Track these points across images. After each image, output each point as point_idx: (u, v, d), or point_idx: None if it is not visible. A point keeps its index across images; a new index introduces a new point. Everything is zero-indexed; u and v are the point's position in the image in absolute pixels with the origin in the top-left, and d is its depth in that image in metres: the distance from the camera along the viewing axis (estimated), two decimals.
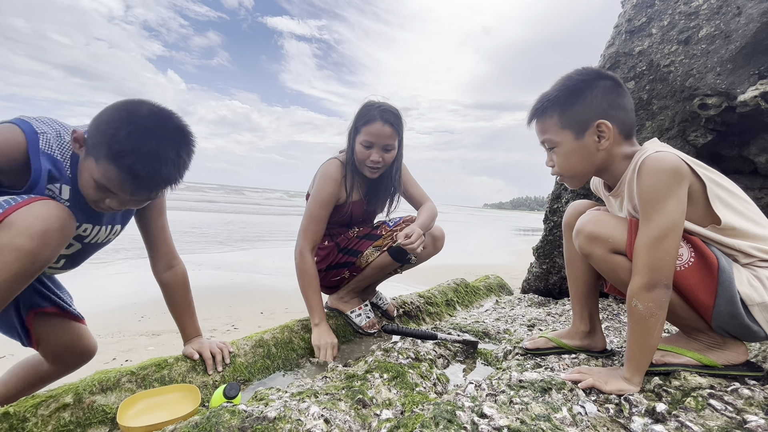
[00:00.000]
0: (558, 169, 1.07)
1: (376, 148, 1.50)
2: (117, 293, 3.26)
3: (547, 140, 1.06)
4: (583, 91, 1.00)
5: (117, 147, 0.83)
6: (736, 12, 1.59)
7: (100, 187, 0.87)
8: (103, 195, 0.89)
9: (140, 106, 0.87)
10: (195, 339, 1.25)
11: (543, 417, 0.78)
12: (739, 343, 0.97)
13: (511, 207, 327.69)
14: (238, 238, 7.54)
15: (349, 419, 0.83)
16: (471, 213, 52.85)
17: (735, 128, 1.69)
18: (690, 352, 0.98)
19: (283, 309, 2.98)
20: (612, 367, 1.02)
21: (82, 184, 0.90)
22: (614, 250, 0.98)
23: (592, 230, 1.00)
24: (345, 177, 1.59)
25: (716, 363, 0.96)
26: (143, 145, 0.84)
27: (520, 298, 2.56)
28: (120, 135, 0.83)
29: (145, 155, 0.84)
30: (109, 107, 0.88)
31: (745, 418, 0.74)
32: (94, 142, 0.85)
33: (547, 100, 1.04)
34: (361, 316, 1.66)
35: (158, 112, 0.88)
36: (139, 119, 0.85)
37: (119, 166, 0.84)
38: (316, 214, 1.54)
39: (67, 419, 0.90)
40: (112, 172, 0.84)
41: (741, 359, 0.96)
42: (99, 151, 0.84)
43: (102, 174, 0.85)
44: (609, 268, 1.01)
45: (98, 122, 0.86)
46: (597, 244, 1.00)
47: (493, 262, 6.37)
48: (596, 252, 1.01)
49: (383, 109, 1.49)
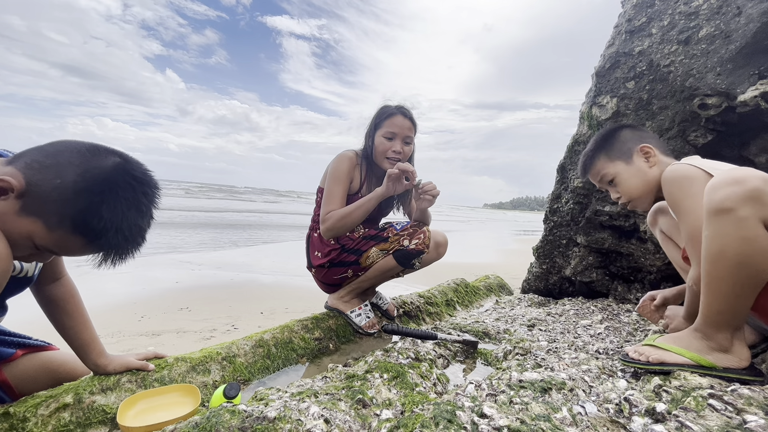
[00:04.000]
0: (624, 197, 1.21)
1: (397, 139, 1.61)
2: (117, 293, 3.26)
3: (605, 175, 1.23)
4: (615, 132, 1.23)
5: (96, 225, 0.71)
6: (736, 12, 1.59)
7: (44, 249, 0.74)
8: (40, 255, 0.77)
9: (104, 162, 0.73)
10: (108, 355, 1.08)
11: (543, 417, 0.78)
12: (743, 348, 0.94)
13: (511, 207, 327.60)
14: (238, 238, 7.55)
15: (349, 419, 0.83)
16: (471, 212, 52.88)
17: (735, 128, 1.69)
18: (689, 353, 0.97)
19: (283, 309, 2.98)
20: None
21: (9, 237, 0.71)
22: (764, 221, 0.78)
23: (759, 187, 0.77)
24: (360, 166, 1.66)
25: (715, 365, 0.94)
26: (125, 221, 0.73)
27: (520, 298, 2.56)
28: (99, 212, 0.71)
29: (128, 231, 0.74)
30: (60, 162, 0.71)
31: (745, 419, 0.74)
32: (46, 206, 0.70)
33: (590, 151, 1.27)
34: (361, 316, 1.66)
35: (127, 169, 0.75)
36: (114, 187, 0.72)
37: (93, 243, 0.73)
38: (333, 189, 1.59)
39: (67, 419, 0.91)
40: (76, 244, 0.73)
41: (742, 364, 0.93)
42: (57, 219, 0.71)
43: (57, 242, 0.72)
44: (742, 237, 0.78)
45: (53, 184, 0.70)
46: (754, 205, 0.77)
47: (493, 261, 6.37)
48: (744, 212, 0.77)
49: (402, 105, 1.65)
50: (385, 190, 1.48)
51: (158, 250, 5.27)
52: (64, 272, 1.05)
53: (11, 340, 1.05)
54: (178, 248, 5.59)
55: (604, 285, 2.39)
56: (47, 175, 0.70)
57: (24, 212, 0.70)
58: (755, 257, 0.77)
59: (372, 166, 1.68)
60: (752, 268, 0.78)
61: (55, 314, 1.02)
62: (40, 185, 0.70)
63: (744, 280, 0.81)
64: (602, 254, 2.36)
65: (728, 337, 0.92)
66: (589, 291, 2.47)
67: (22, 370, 1.04)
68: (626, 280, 2.34)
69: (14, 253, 0.73)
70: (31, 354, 1.07)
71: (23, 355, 1.05)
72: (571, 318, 1.91)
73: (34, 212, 0.71)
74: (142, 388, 1.03)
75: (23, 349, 1.06)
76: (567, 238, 2.46)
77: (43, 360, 1.08)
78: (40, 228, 0.71)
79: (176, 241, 6.32)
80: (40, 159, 0.72)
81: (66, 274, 1.05)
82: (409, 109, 1.65)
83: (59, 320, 1.02)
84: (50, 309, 1.02)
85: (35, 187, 0.70)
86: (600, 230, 2.27)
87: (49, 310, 1.02)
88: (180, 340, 2.28)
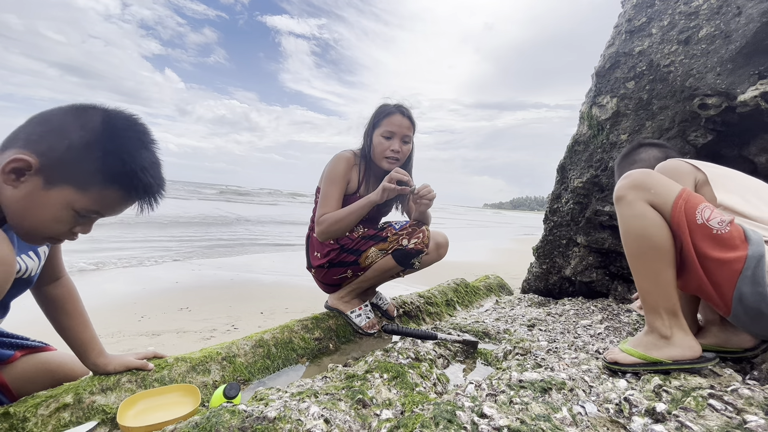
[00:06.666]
0: None
1: (395, 138, 1.60)
2: (117, 293, 3.26)
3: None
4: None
5: (122, 169, 0.73)
6: (736, 12, 1.59)
7: (86, 214, 0.76)
8: (76, 225, 0.77)
9: (93, 115, 0.73)
10: (108, 354, 1.07)
11: (543, 417, 0.78)
12: (686, 336, 0.97)
13: (511, 207, 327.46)
14: (237, 238, 7.54)
15: (349, 419, 0.83)
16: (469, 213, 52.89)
17: (735, 128, 1.69)
18: (637, 352, 1.01)
19: (283, 309, 2.98)
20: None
21: (35, 220, 0.72)
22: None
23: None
24: (358, 166, 1.65)
25: (661, 360, 0.97)
26: (144, 159, 0.75)
27: (520, 298, 2.56)
28: (119, 156, 0.72)
29: (150, 168, 0.76)
30: (56, 126, 0.71)
31: (745, 418, 0.74)
32: (68, 170, 0.71)
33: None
34: (361, 316, 1.66)
35: (116, 115, 0.76)
36: (117, 131, 0.74)
37: (127, 189, 0.75)
38: (329, 191, 1.59)
39: (67, 419, 0.90)
40: (114, 196, 0.75)
41: (686, 354, 0.95)
42: (85, 178, 0.72)
43: (96, 200, 0.74)
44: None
45: (64, 146, 0.70)
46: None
47: (493, 261, 6.37)
48: (631, 197, 1.03)
49: (401, 104, 1.64)
50: (378, 198, 1.47)
51: (158, 250, 5.28)
52: (64, 272, 1.04)
53: (9, 342, 1.05)
54: (179, 248, 5.59)
55: (604, 285, 2.39)
56: (52, 141, 0.70)
57: (50, 184, 0.70)
58: (648, 229, 0.95)
59: (371, 165, 1.67)
60: (650, 240, 0.95)
61: (55, 314, 1.01)
62: (51, 153, 0.69)
63: (648, 251, 0.96)
64: (602, 254, 2.36)
65: (666, 324, 0.97)
66: (589, 291, 2.47)
67: (20, 371, 1.03)
68: (626, 280, 2.34)
69: (60, 229, 0.75)
70: (29, 355, 1.06)
71: (21, 357, 1.05)
72: (571, 318, 1.91)
73: (60, 180, 0.71)
74: (142, 388, 1.03)
75: (21, 350, 1.06)
76: (567, 238, 2.46)
77: (41, 361, 1.07)
78: (73, 193, 0.72)
79: (177, 241, 6.32)
80: (36, 131, 0.70)
81: (65, 274, 1.05)
82: (408, 108, 1.64)
83: (59, 320, 1.02)
84: (49, 309, 1.01)
85: (48, 157, 0.69)
86: (600, 230, 2.27)
87: (48, 310, 1.02)
88: (180, 340, 2.28)
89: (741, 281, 0.87)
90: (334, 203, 1.58)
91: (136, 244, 5.65)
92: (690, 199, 0.93)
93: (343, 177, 1.60)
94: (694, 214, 0.92)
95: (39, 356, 1.08)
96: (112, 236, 6.02)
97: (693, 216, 0.92)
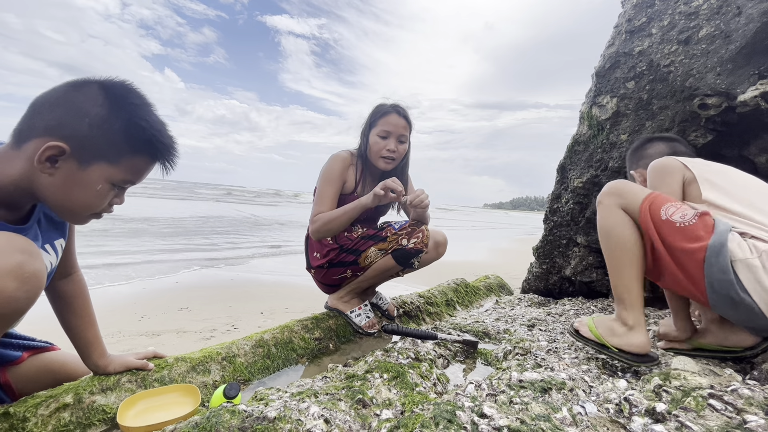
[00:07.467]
0: None
1: (392, 137, 1.61)
2: (117, 293, 3.26)
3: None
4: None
5: (144, 135, 0.76)
6: (736, 12, 1.59)
7: (121, 184, 0.80)
8: (112, 196, 0.81)
9: (94, 88, 0.74)
10: (109, 355, 1.07)
11: (543, 417, 0.78)
12: (641, 334, 1.03)
13: (511, 207, 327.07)
14: (237, 238, 7.54)
15: (349, 419, 0.83)
16: (469, 213, 52.86)
17: (735, 128, 1.69)
18: (597, 333, 1.10)
19: (283, 309, 2.98)
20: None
21: (79, 201, 0.76)
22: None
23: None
24: (355, 165, 1.66)
25: (610, 346, 1.06)
26: (157, 122, 0.79)
27: (520, 298, 2.56)
28: (137, 122, 0.75)
29: (164, 130, 0.80)
30: (70, 106, 0.72)
31: (745, 418, 0.74)
32: (97, 146, 0.73)
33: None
34: (361, 316, 1.66)
35: (113, 84, 0.77)
36: (124, 99, 0.76)
37: (152, 153, 0.79)
38: (324, 191, 1.60)
39: (67, 419, 0.90)
40: (142, 162, 0.79)
41: (633, 349, 1.03)
42: (114, 151, 0.75)
43: (128, 170, 0.78)
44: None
45: (85, 124, 0.72)
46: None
47: (493, 261, 6.37)
48: (607, 201, 1.15)
49: (397, 104, 1.65)
50: (370, 202, 1.48)
51: (158, 250, 5.28)
52: (77, 268, 1.05)
53: (17, 343, 1.05)
54: (179, 248, 5.59)
55: (604, 285, 2.39)
56: (72, 123, 0.71)
57: (84, 164, 0.74)
58: (616, 228, 1.07)
59: (367, 165, 1.67)
60: (617, 237, 1.07)
61: (63, 311, 1.01)
62: (75, 135, 0.72)
63: (615, 248, 1.08)
64: (602, 254, 2.36)
65: (629, 316, 1.05)
66: (589, 291, 2.47)
67: (25, 371, 1.03)
68: None
69: (102, 204, 0.79)
70: (34, 355, 1.07)
71: (28, 358, 1.05)
72: (572, 318, 1.91)
73: (92, 157, 0.74)
74: (142, 388, 1.03)
75: (28, 351, 1.06)
76: (567, 238, 2.46)
77: (45, 361, 1.07)
78: (107, 167, 0.75)
79: (177, 242, 6.32)
80: (53, 117, 0.72)
81: (78, 270, 1.05)
82: (405, 108, 1.65)
83: (66, 317, 1.02)
84: (58, 305, 1.01)
85: (75, 139, 0.72)
86: None
87: (57, 305, 1.01)
88: (180, 340, 2.28)
89: (708, 269, 0.92)
90: (329, 203, 1.58)
91: (138, 248, 5.66)
92: (655, 201, 1.03)
93: (339, 177, 1.61)
94: (658, 212, 1.01)
95: (43, 356, 1.08)
96: (109, 241, 6.02)
97: (658, 214, 1.01)
